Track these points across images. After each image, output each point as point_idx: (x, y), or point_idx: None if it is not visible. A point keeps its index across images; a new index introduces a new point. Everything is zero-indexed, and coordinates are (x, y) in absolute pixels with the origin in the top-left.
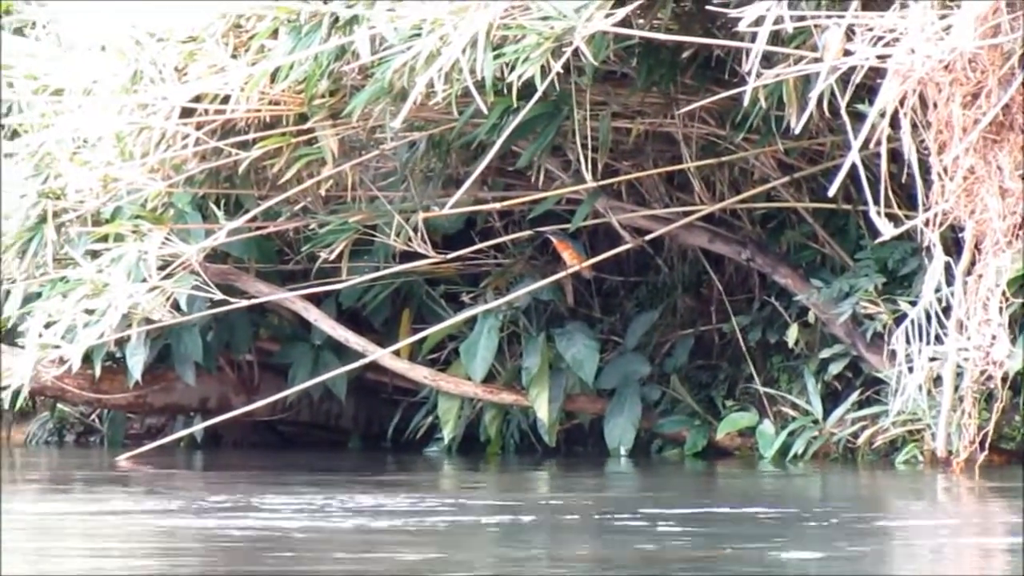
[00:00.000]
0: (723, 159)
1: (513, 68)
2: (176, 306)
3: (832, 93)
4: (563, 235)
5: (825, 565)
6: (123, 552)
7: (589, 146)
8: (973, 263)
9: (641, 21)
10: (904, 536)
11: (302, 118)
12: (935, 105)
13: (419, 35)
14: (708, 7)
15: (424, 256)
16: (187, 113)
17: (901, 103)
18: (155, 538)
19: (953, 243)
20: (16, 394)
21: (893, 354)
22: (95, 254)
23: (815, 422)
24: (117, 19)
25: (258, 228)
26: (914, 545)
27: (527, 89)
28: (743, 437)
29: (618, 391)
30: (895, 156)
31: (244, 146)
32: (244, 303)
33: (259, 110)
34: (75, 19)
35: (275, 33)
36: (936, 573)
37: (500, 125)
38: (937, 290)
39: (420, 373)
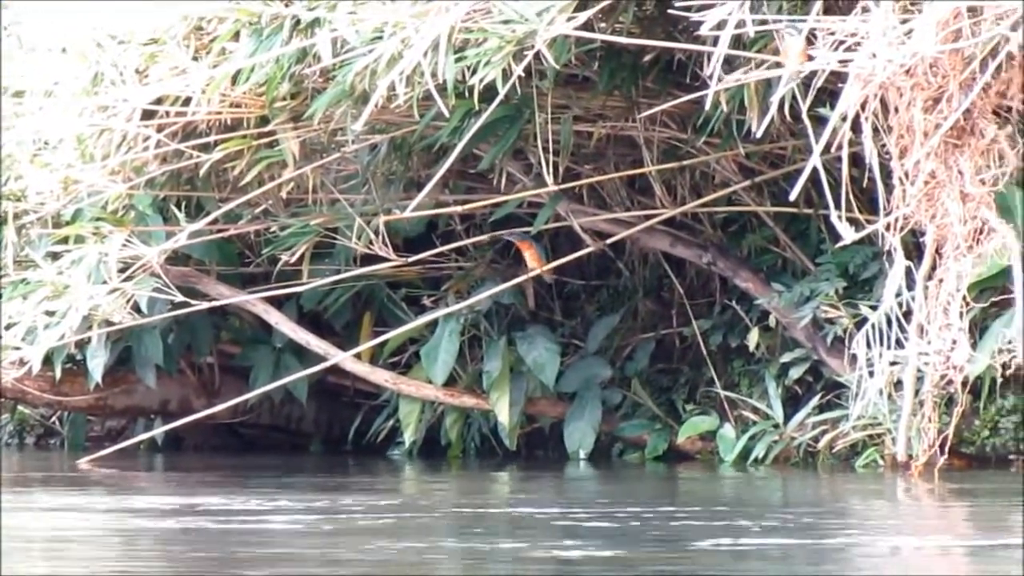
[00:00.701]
0: (684, 163)
1: (475, 71)
2: (137, 308)
3: (794, 97)
4: (525, 237)
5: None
6: (81, 555)
7: (551, 149)
8: (934, 267)
9: (603, 25)
10: (834, 535)
11: (263, 120)
12: (896, 109)
13: (381, 38)
14: (670, 11)
15: (385, 259)
16: (148, 115)
17: (862, 107)
18: (113, 539)
19: (914, 247)
20: None
21: (854, 358)
22: (56, 256)
23: (776, 426)
24: (78, 21)
25: (219, 230)
26: (839, 545)
27: (489, 92)
28: (704, 441)
29: (579, 395)
30: (856, 160)
31: (205, 148)
32: (205, 305)
33: (220, 112)
34: (36, 21)
35: (236, 35)
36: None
37: (461, 128)
38: (898, 294)
39: (381, 376)
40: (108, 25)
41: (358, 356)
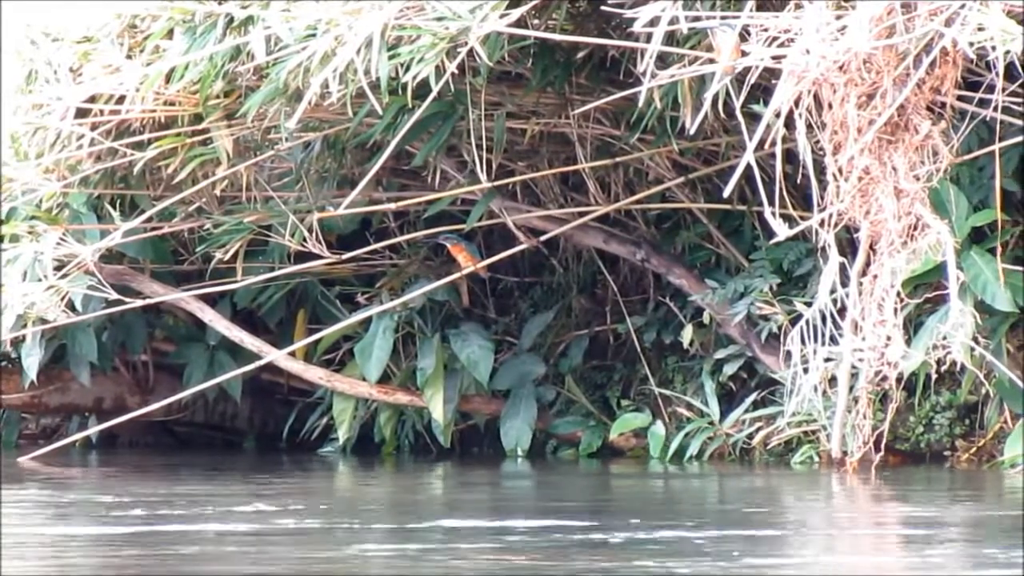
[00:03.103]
0: (618, 160)
1: (408, 68)
2: (71, 306)
3: (727, 94)
4: (457, 238)
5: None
6: (12, 556)
7: (484, 146)
8: (868, 264)
9: (536, 22)
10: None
11: (197, 118)
12: (830, 106)
13: (314, 35)
14: (603, 8)
15: (319, 257)
16: (82, 113)
17: (796, 103)
18: (43, 540)
19: (848, 244)
20: None
21: (788, 355)
22: None
23: (711, 423)
24: (12, 19)
25: (153, 228)
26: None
27: (422, 89)
28: (638, 438)
29: (513, 392)
30: (790, 157)
31: (139, 146)
32: (139, 303)
33: (154, 110)
34: None
35: (170, 33)
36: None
37: (395, 125)
38: (832, 291)
39: (315, 374)
40: (42, 23)
41: (292, 354)
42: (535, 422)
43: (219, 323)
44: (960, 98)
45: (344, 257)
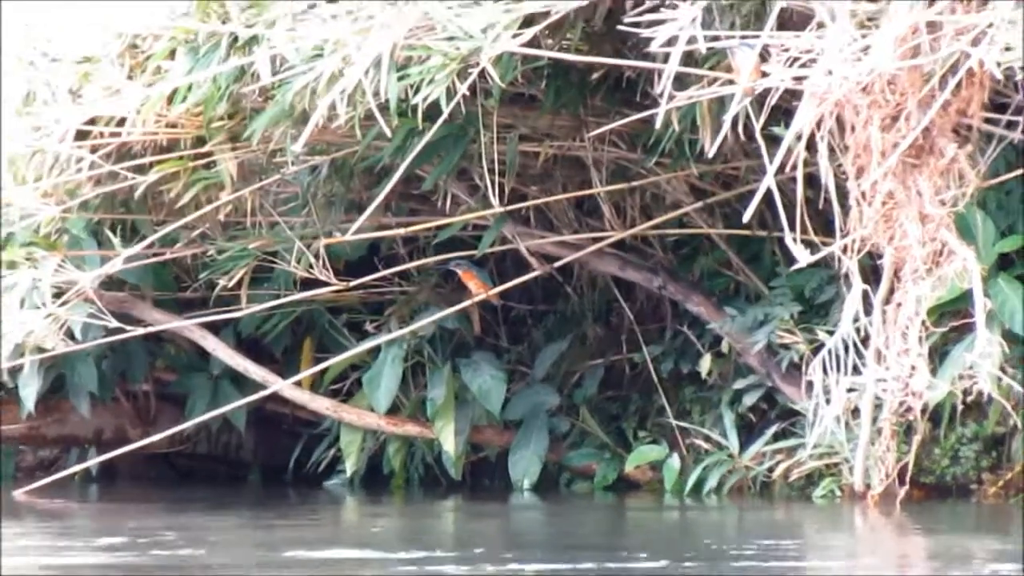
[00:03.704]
0: (634, 184)
1: (418, 90)
2: (70, 335)
3: (747, 116)
4: (468, 264)
5: None
6: None
7: (496, 170)
8: (892, 291)
9: (550, 42)
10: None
11: (200, 141)
12: (853, 128)
13: (321, 56)
14: (619, 27)
15: (326, 284)
16: (82, 136)
17: (818, 126)
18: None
19: (871, 270)
20: None
21: (810, 385)
22: None
23: (730, 456)
24: (10, 38)
25: (155, 254)
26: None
27: (432, 111)
28: (655, 471)
29: (525, 423)
30: (812, 181)
31: (140, 170)
32: (140, 331)
33: (156, 133)
34: None
35: (172, 54)
36: None
37: (404, 148)
38: (855, 319)
39: (322, 404)
40: (41, 43)
41: (298, 383)
42: (547, 454)
43: (223, 352)
44: (987, 120)
45: (352, 284)
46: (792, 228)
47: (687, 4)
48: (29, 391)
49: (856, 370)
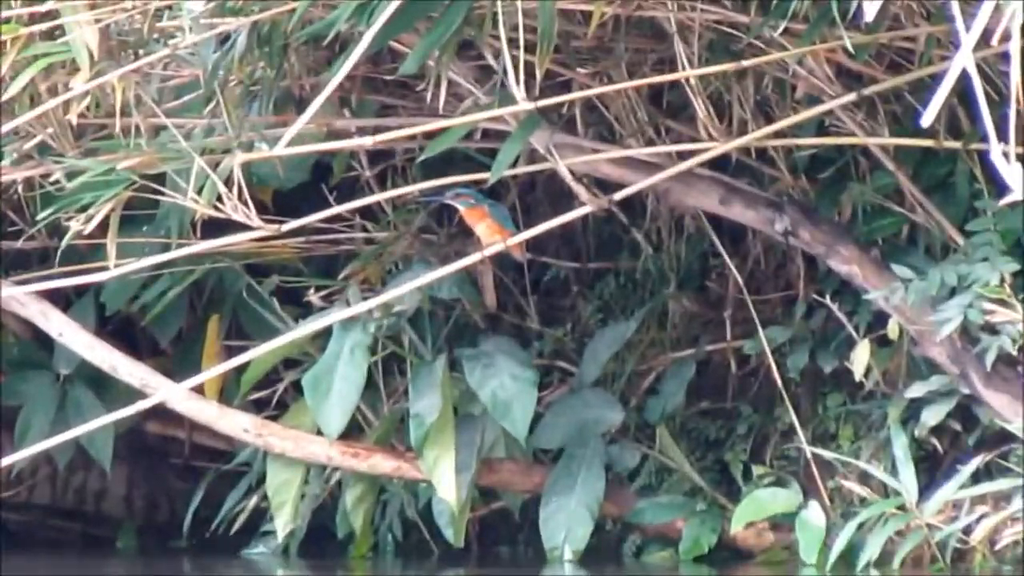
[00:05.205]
0: (745, 64)
1: None
2: None
3: None
4: (477, 196)
5: None
6: None
7: (521, 43)
8: None
9: None
10: None
11: None
12: None
13: None
14: None
15: (244, 227)
16: None
17: None
18: None
19: None
20: None
21: None
22: None
23: (903, 508)
24: None
25: None
26: None
27: None
28: (780, 530)
29: (567, 454)
30: None
31: None
32: None
33: None
34: None
35: None
36: None
37: (370, 6)
38: None
39: (237, 423)
40: None
41: (198, 389)
42: (604, 504)
43: (75, 338)
44: None
45: (285, 228)
46: (1003, 137)
47: None
48: None
49: None
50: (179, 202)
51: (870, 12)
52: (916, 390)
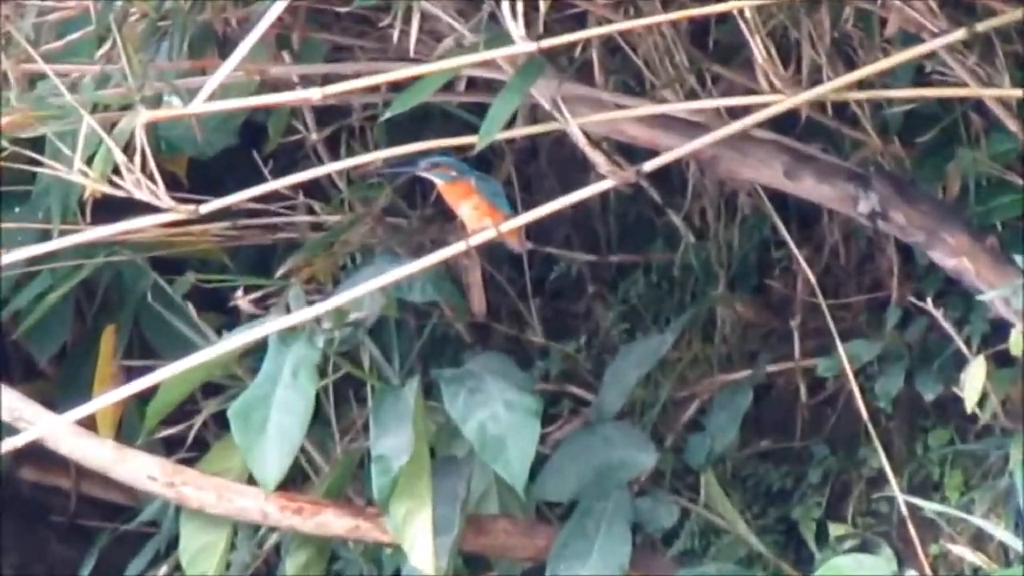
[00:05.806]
0: None
1: None
2: None
3: None
4: (459, 166)
5: None
6: None
7: None
8: None
9: None
10: None
11: None
12: None
13: None
14: None
15: (150, 209)
16: None
17: None
18: None
19: None
20: None
21: None
22: None
23: None
24: None
25: None
26: None
27: None
28: None
29: (582, 509)
30: None
31: None
32: None
33: None
34: None
35: None
36: None
37: None
38: None
39: (141, 468)
40: None
41: (89, 424)
42: (630, 573)
43: None
44: None
45: (204, 211)
46: None
47: None
48: None
49: None
50: (62, 175)
51: None
52: None
